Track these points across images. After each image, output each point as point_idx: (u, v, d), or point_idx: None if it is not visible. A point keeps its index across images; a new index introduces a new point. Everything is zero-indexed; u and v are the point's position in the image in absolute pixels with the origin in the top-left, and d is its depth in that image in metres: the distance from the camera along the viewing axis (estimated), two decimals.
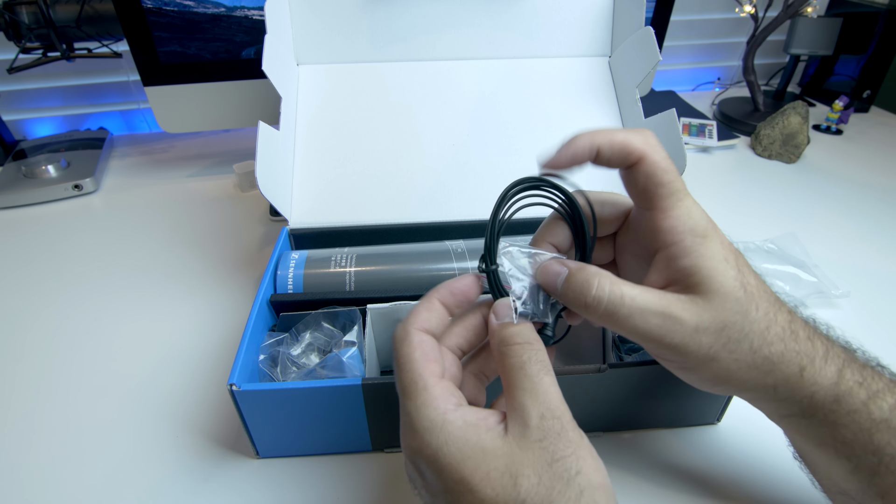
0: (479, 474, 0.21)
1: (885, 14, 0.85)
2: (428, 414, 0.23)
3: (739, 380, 0.26)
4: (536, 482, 0.21)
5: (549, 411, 0.22)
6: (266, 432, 0.35)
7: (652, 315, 0.25)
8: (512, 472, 0.21)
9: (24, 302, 0.52)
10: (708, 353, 0.25)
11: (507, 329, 0.25)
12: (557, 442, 0.22)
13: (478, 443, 0.22)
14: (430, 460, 0.22)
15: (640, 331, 0.25)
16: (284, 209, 0.47)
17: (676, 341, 0.25)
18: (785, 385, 0.26)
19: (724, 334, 0.25)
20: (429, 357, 0.25)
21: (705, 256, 0.25)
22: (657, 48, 0.50)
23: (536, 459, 0.22)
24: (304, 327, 0.39)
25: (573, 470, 0.22)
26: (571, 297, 0.26)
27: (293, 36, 0.54)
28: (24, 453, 0.38)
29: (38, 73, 0.76)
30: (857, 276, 0.55)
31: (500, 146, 0.54)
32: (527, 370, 0.24)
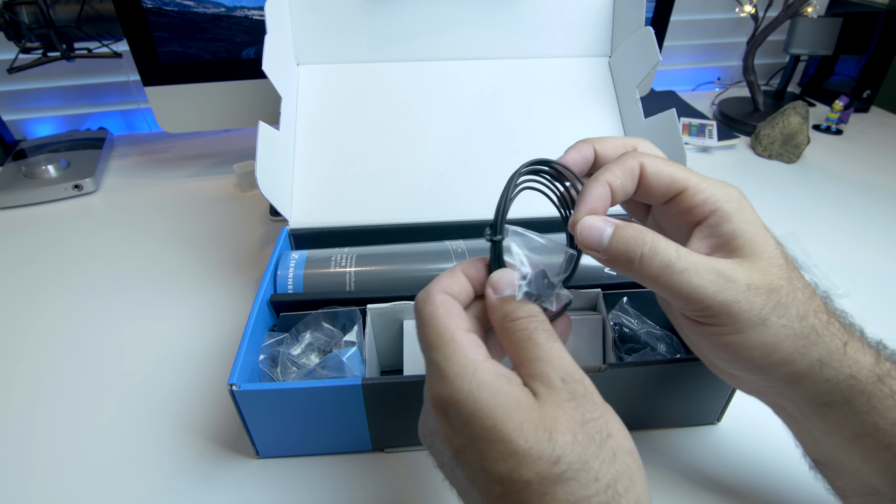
0: (511, 423, 0.20)
1: (885, 14, 0.85)
2: (458, 360, 0.22)
3: (786, 350, 0.25)
4: (571, 440, 0.20)
5: (569, 375, 0.22)
6: (266, 432, 0.35)
7: (706, 270, 0.24)
8: (547, 427, 0.20)
9: (24, 302, 0.52)
10: (759, 314, 0.24)
11: (508, 304, 0.25)
12: (585, 404, 0.21)
13: (510, 392, 0.21)
14: (460, 405, 0.21)
15: (693, 287, 0.24)
16: (284, 209, 0.47)
17: (729, 298, 0.24)
18: (829, 359, 0.25)
19: (774, 297, 0.24)
20: (453, 313, 0.24)
21: (746, 221, 0.25)
22: (657, 48, 0.50)
23: (569, 418, 0.21)
24: (304, 327, 0.39)
25: (604, 432, 0.21)
26: (621, 251, 0.25)
27: (293, 36, 0.54)
28: (24, 453, 0.38)
29: (38, 73, 0.76)
30: (858, 276, 0.55)
31: (500, 146, 0.54)
32: (535, 339, 0.23)
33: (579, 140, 0.29)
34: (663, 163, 0.27)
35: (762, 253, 0.25)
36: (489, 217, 0.28)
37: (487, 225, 0.27)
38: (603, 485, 0.20)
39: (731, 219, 0.25)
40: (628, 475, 0.21)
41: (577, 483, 0.20)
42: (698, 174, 0.27)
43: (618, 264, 0.26)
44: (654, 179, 0.26)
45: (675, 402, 0.38)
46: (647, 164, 0.26)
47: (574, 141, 0.31)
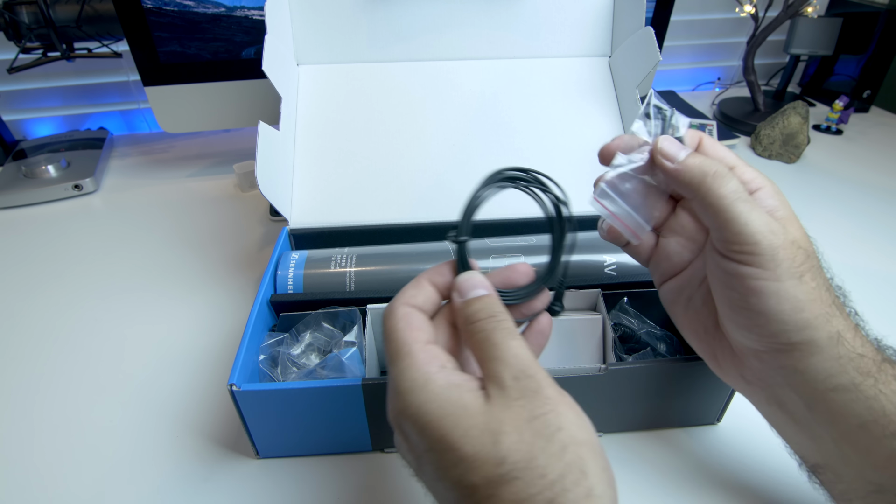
0: (458, 431, 0.21)
1: (885, 14, 0.85)
2: (410, 375, 0.23)
3: (812, 312, 0.26)
4: (517, 439, 0.21)
5: (521, 372, 0.22)
6: (266, 432, 0.35)
7: (763, 212, 0.26)
8: (492, 430, 0.21)
9: (24, 302, 0.52)
10: (800, 268, 0.26)
11: (469, 307, 0.25)
12: (535, 399, 0.22)
13: (458, 400, 0.22)
14: (412, 419, 0.22)
15: (751, 219, 0.26)
16: (284, 209, 0.47)
17: (777, 243, 0.26)
18: (845, 334, 0.26)
19: (811, 261, 0.26)
20: (412, 326, 0.25)
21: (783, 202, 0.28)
22: (657, 48, 0.50)
23: (516, 417, 0.21)
24: (305, 327, 0.39)
25: (554, 426, 0.21)
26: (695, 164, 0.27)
27: (293, 36, 0.54)
28: (23, 453, 0.38)
29: (38, 73, 0.76)
30: (858, 276, 0.55)
31: (501, 146, 0.54)
32: (492, 339, 0.24)
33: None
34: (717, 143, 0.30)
35: (800, 227, 0.27)
36: (489, 217, 0.28)
37: (451, 227, 0.27)
38: (549, 481, 0.20)
39: (774, 196, 0.28)
40: (579, 467, 0.21)
41: (521, 482, 0.20)
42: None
43: (686, 178, 0.27)
44: (710, 151, 0.29)
45: (676, 402, 0.38)
46: (704, 136, 0.30)
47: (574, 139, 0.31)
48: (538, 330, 0.28)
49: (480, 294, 0.26)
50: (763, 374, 0.28)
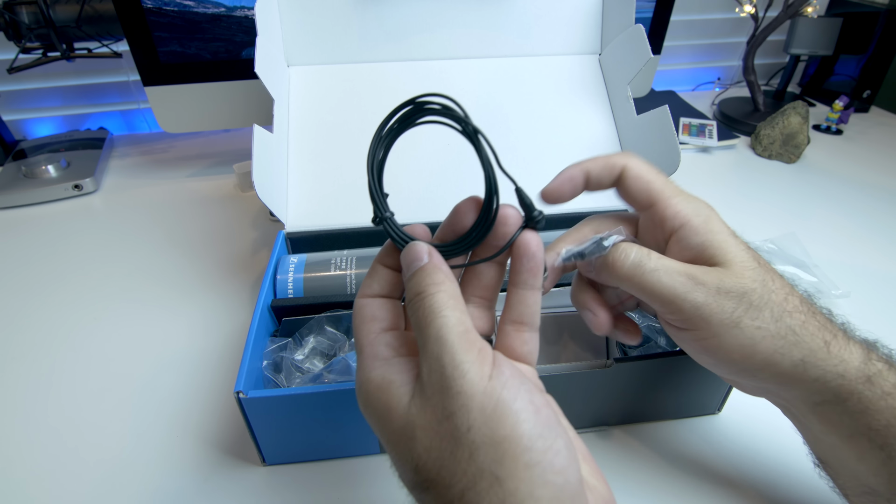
0: (388, 433, 0.21)
1: (885, 14, 0.85)
2: (358, 376, 0.23)
3: (765, 351, 0.26)
4: (427, 445, 0.19)
5: (436, 363, 0.20)
6: (273, 439, 0.35)
7: (676, 273, 0.26)
8: (408, 435, 0.20)
9: (23, 302, 0.52)
10: (731, 317, 0.25)
11: (407, 284, 0.23)
12: (444, 397, 0.19)
13: (386, 403, 0.21)
14: (364, 415, 0.23)
15: (664, 285, 0.25)
16: (280, 212, 0.46)
17: (700, 300, 0.25)
18: (812, 358, 0.26)
19: (746, 300, 0.25)
20: (365, 318, 0.24)
21: (714, 231, 0.27)
22: (648, 45, 0.49)
23: (428, 420, 0.20)
24: (308, 332, 0.39)
25: (464, 426, 0.19)
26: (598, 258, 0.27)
27: (283, 37, 0.54)
28: (23, 453, 0.38)
29: (38, 73, 0.76)
30: (857, 276, 0.55)
31: (495, 144, 0.53)
32: (419, 324, 0.21)
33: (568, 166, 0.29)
34: (646, 170, 0.28)
35: (733, 259, 0.26)
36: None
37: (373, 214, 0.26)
38: (458, 490, 0.19)
39: (698, 231, 0.27)
40: (491, 471, 0.18)
41: (433, 493, 0.19)
42: (674, 188, 0.28)
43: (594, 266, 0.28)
44: (633, 183, 0.28)
45: (677, 393, 0.38)
46: (630, 165, 0.28)
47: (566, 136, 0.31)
48: (526, 254, 0.24)
49: (416, 267, 0.23)
50: (752, 388, 0.29)
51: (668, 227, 0.27)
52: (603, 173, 0.28)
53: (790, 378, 0.26)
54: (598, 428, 0.39)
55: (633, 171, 0.28)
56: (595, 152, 0.30)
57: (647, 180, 0.28)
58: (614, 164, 0.28)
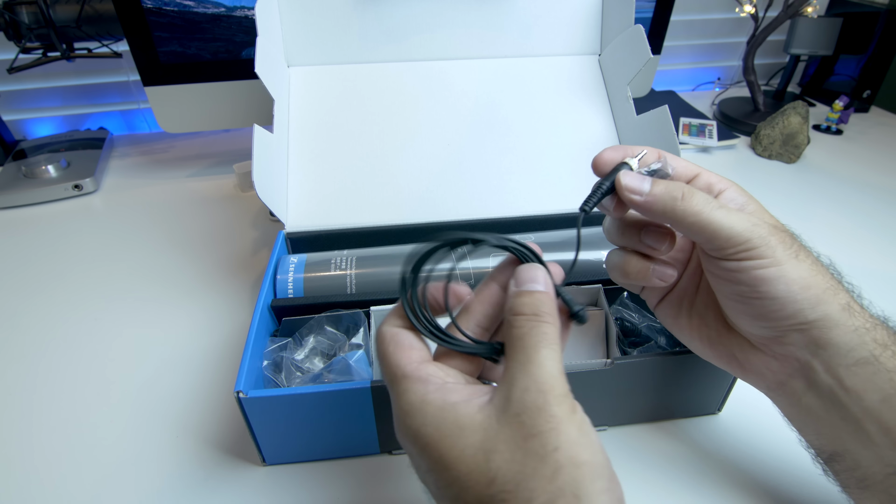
0: (454, 452, 0.21)
1: (885, 14, 0.86)
2: (408, 398, 0.23)
3: (819, 286, 0.26)
4: (509, 458, 0.20)
5: (535, 384, 0.22)
6: (273, 439, 0.35)
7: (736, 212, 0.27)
8: (485, 449, 0.21)
9: (23, 302, 0.52)
10: (789, 250, 0.26)
11: (517, 298, 0.25)
12: (536, 417, 0.21)
13: (455, 420, 0.22)
14: (412, 441, 0.23)
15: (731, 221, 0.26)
16: (280, 212, 0.47)
17: (764, 232, 0.26)
18: (854, 305, 0.27)
19: (797, 245, 0.27)
20: (402, 346, 0.25)
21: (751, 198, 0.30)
22: (647, 45, 0.49)
23: (511, 435, 0.21)
24: (308, 331, 0.39)
25: (550, 446, 0.20)
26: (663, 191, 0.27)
27: (283, 37, 0.54)
28: (23, 454, 0.38)
29: (38, 73, 0.76)
30: (857, 276, 0.55)
31: (494, 145, 0.54)
32: (525, 342, 0.23)
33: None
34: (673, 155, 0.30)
35: (772, 217, 0.29)
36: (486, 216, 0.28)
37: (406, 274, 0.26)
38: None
39: (741, 194, 0.29)
40: (572, 491, 0.20)
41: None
42: None
43: (658, 205, 0.27)
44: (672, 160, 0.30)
45: (678, 393, 0.38)
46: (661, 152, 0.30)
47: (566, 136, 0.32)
48: None
49: (535, 289, 0.25)
50: (787, 360, 0.28)
51: (713, 191, 0.29)
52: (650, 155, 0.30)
53: (835, 323, 0.26)
54: (598, 428, 0.39)
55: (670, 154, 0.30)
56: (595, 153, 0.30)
57: (684, 160, 0.30)
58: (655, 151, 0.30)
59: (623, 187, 0.28)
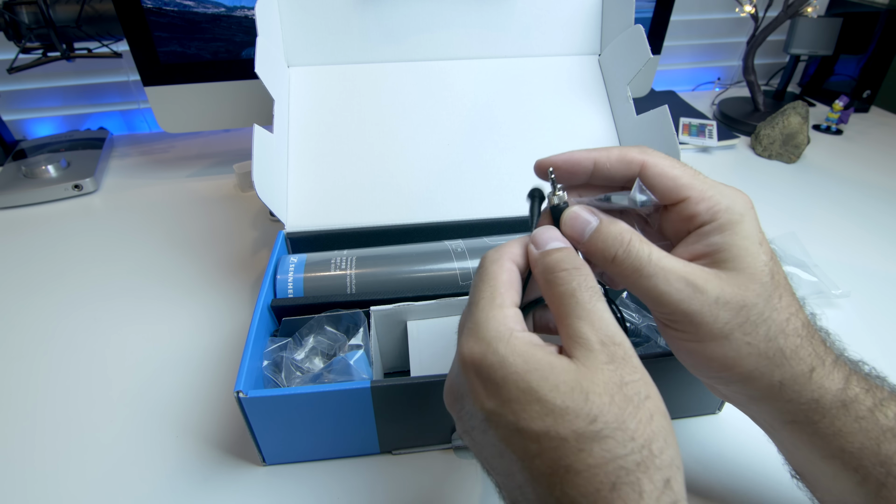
0: (547, 384, 0.21)
1: (885, 14, 0.86)
2: (497, 325, 0.23)
3: (746, 368, 0.25)
4: (609, 401, 0.20)
5: (608, 338, 0.22)
6: (273, 439, 0.35)
7: (675, 279, 0.24)
8: (583, 388, 0.21)
9: (23, 302, 0.52)
10: (723, 329, 0.24)
11: (551, 255, 0.25)
12: (624, 366, 0.21)
13: (544, 358, 0.22)
14: (493, 367, 0.22)
15: (660, 292, 0.24)
16: (280, 212, 0.46)
17: (694, 309, 0.24)
18: (792, 383, 0.25)
19: (743, 314, 0.24)
20: (513, 285, 0.25)
21: (740, 235, 0.25)
22: (647, 46, 0.49)
23: (607, 380, 0.21)
24: (308, 331, 0.39)
25: (643, 394, 0.21)
26: (599, 247, 0.25)
27: (283, 37, 0.54)
28: (23, 454, 0.38)
29: (38, 73, 0.76)
30: (857, 276, 0.55)
31: (494, 145, 0.54)
32: (578, 297, 0.23)
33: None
34: (670, 165, 0.26)
35: (745, 269, 0.25)
36: (486, 216, 0.28)
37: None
38: (639, 444, 0.20)
39: (724, 231, 0.25)
40: (663, 436, 0.21)
41: (613, 441, 0.20)
42: (706, 180, 0.26)
43: (595, 258, 0.26)
44: (658, 181, 0.26)
45: (677, 393, 0.38)
46: (650, 162, 0.26)
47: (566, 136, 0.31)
48: None
49: (559, 246, 0.25)
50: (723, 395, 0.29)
51: (697, 222, 0.26)
52: (616, 167, 0.27)
53: (763, 396, 0.26)
54: None
55: (655, 168, 0.26)
56: None
57: (673, 176, 0.26)
58: (632, 160, 0.26)
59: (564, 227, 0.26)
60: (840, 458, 0.25)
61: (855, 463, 0.25)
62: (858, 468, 0.25)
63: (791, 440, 0.27)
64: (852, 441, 0.25)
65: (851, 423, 0.25)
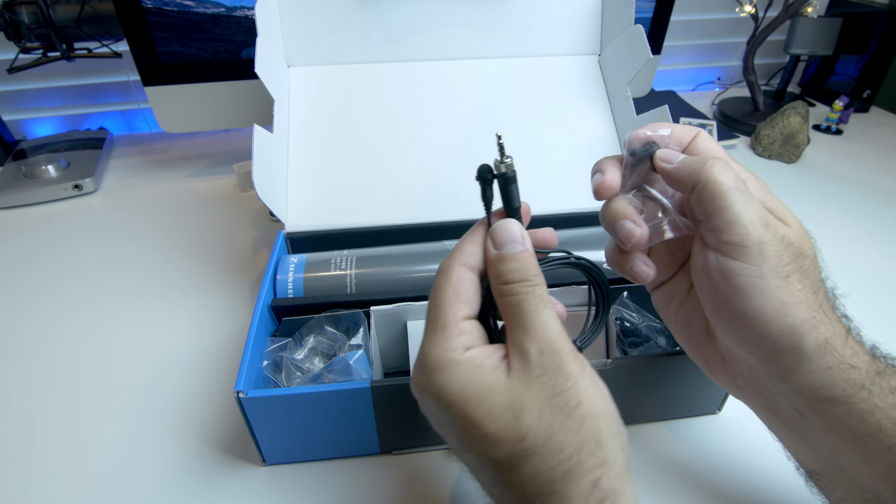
0: (482, 411, 0.22)
1: (885, 14, 0.86)
2: (437, 353, 0.24)
3: (798, 317, 0.25)
4: (538, 416, 0.22)
5: (547, 346, 0.23)
6: (273, 439, 0.35)
7: (753, 207, 0.25)
8: (514, 408, 0.22)
9: (23, 302, 0.52)
10: (785, 268, 0.25)
11: (505, 263, 0.25)
12: (557, 376, 0.22)
13: (482, 382, 0.23)
14: (435, 397, 0.23)
15: (742, 210, 0.25)
16: (280, 212, 0.46)
17: (766, 237, 0.25)
18: (834, 342, 0.25)
19: (800, 261, 0.25)
20: (459, 297, 0.25)
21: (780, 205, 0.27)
22: (647, 46, 0.49)
23: (538, 395, 0.22)
24: (308, 331, 0.39)
25: (573, 402, 0.22)
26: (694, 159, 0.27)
27: (283, 37, 0.54)
28: (22, 454, 0.38)
29: (38, 73, 0.76)
30: (857, 276, 0.55)
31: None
32: (523, 307, 0.24)
33: None
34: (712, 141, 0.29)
35: (799, 225, 0.27)
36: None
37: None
38: (566, 455, 0.21)
39: (770, 195, 0.27)
40: (594, 439, 0.22)
41: (540, 457, 0.22)
42: None
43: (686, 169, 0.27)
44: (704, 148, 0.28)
45: (678, 393, 0.38)
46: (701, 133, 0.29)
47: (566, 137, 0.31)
48: None
49: (516, 250, 0.25)
50: (754, 381, 0.28)
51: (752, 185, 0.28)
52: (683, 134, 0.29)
53: (807, 357, 0.25)
54: None
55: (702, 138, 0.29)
56: (595, 153, 0.30)
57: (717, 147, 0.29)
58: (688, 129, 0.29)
59: (657, 156, 0.28)
60: (875, 437, 0.25)
61: (889, 442, 0.25)
62: (893, 448, 0.24)
63: (821, 424, 0.26)
64: (889, 416, 0.25)
65: (885, 397, 0.25)
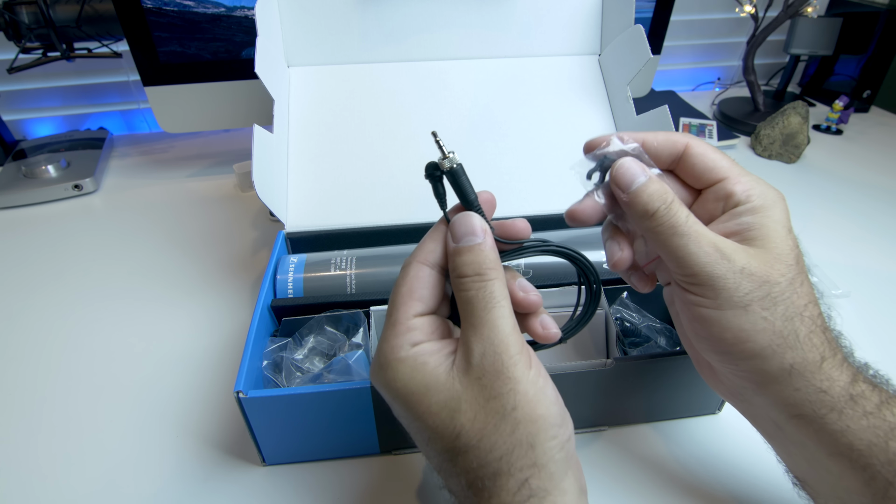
0: (421, 408, 0.24)
1: (885, 14, 0.85)
2: (385, 350, 0.25)
3: (760, 343, 0.25)
4: (472, 417, 0.23)
5: (490, 347, 0.23)
6: (273, 439, 0.35)
7: (706, 242, 0.25)
8: (451, 408, 0.23)
9: (23, 302, 0.52)
10: (743, 298, 0.25)
11: (461, 256, 0.25)
12: (496, 380, 0.23)
13: (422, 380, 0.24)
14: (384, 391, 0.25)
15: (689, 251, 0.25)
16: (280, 212, 0.46)
17: (719, 273, 0.25)
18: (802, 369, 0.25)
19: (765, 289, 0.25)
20: (413, 294, 0.25)
21: (772, 218, 0.26)
22: (647, 46, 0.49)
23: (475, 396, 0.23)
24: (308, 331, 0.39)
25: (509, 406, 0.23)
26: (643, 200, 0.26)
27: (283, 37, 0.54)
28: (22, 454, 0.38)
29: (38, 73, 0.76)
30: (857, 276, 0.55)
31: (494, 145, 0.54)
32: (473, 304, 0.24)
33: None
34: (711, 149, 0.28)
35: (772, 249, 0.25)
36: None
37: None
38: (496, 455, 0.23)
39: (757, 212, 0.26)
40: (528, 442, 0.23)
41: (472, 455, 0.23)
42: (742, 168, 0.28)
43: (634, 212, 0.26)
44: (699, 159, 0.28)
45: (678, 393, 0.38)
46: (693, 144, 0.28)
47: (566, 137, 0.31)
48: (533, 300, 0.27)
49: (472, 243, 0.25)
50: (734, 389, 0.28)
51: (732, 202, 0.27)
52: (664, 147, 0.28)
53: (772, 379, 0.25)
54: (597, 428, 0.39)
55: (699, 148, 0.28)
56: None
57: (714, 158, 0.28)
58: (677, 141, 0.28)
59: (613, 178, 0.27)
60: (848, 456, 0.25)
61: (863, 461, 0.25)
62: (866, 467, 0.25)
63: (797, 437, 0.26)
64: (861, 437, 0.25)
65: (859, 419, 0.25)
